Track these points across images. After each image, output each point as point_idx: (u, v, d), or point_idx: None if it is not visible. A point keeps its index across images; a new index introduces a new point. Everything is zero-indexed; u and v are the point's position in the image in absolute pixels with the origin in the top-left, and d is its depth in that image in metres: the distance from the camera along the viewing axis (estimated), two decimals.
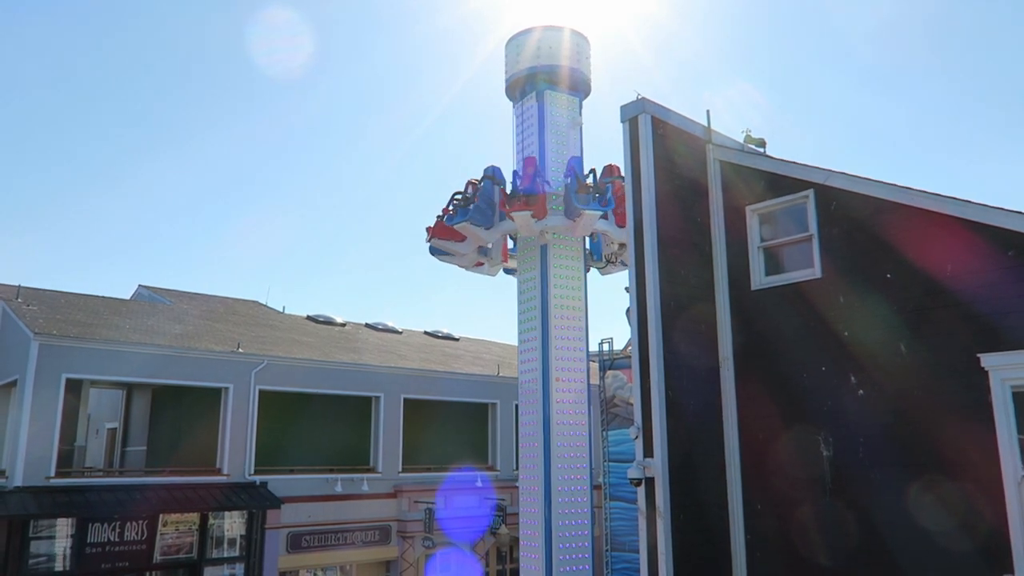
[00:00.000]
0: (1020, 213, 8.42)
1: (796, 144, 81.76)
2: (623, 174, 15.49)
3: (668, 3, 72.53)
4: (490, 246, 16.67)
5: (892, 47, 79.34)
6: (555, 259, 15.54)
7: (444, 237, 16.09)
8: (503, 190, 15.51)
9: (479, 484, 23.13)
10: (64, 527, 17.53)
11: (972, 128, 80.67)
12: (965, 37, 76.14)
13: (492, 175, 15.72)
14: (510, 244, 17.06)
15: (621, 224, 15.08)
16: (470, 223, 15.34)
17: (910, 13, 73.41)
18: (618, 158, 11.13)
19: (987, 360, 8.35)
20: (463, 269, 17.26)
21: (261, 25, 58.52)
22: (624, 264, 17.19)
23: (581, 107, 16.64)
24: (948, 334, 8.71)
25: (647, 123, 10.53)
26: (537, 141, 15.96)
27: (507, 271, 17.57)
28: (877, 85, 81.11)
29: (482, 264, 17.11)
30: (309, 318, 29.12)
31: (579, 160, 15.64)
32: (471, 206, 15.41)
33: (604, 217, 15.18)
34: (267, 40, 56.11)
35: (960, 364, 8.54)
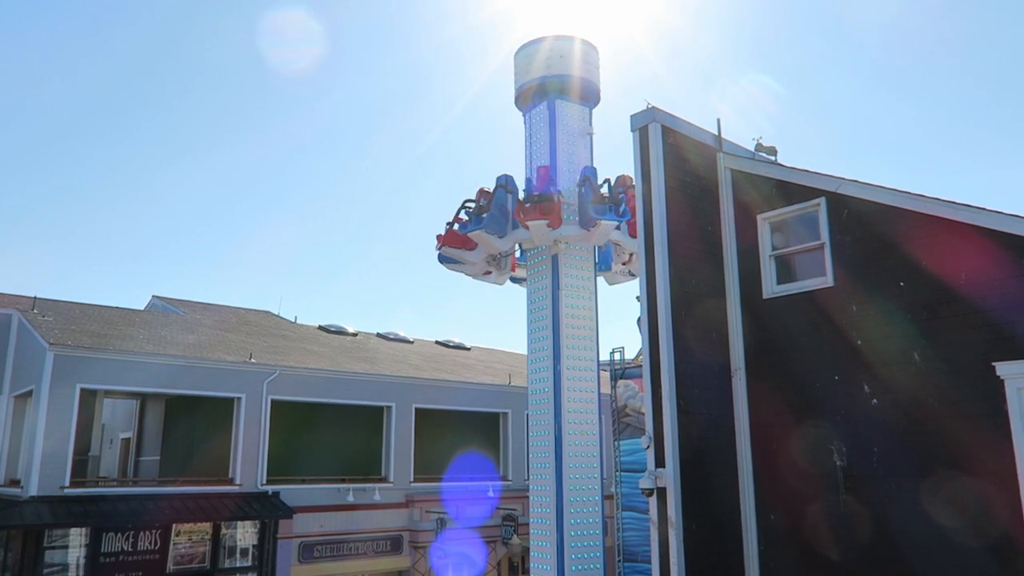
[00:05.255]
0: None
1: (809, 147, 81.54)
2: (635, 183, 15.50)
3: (679, 8, 72.66)
4: (499, 255, 16.67)
5: (905, 48, 79.06)
6: (565, 268, 15.52)
7: (455, 245, 16.10)
8: (518, 199, 15.52)
9: (491, 494, 23.07)
10: (78, 536, 17.61)
11: (987, 129, 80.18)
12: (978, 36, 75.79)
13: (505, 184, 15.72)
14: (517, 253, 17.06)
15: (634, 234, 15.08)
16: (484, 231, 15.34)
17: (921, 12, 73.18)
18: (630, 166, 11.13)
19: (1002, 368, 8.28)
20: (471, 278, 17.28)
21: (271, 34, 59.03)
22: (633, 274, 17.17)
23: (591, 116, 16.66)
24: (962, 342, 8.64)
25: (657, 132, 10.54)
26: (548, 151, 15.99)
27: (514, 280, 17.57)
28: (890, 87, 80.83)
29: (490, 273, 17.13)
30: (321, 328, 29.21)
31: (593, 170, 15.65)
32: (485, 215, 15.42)
33: (618, 227, 15.19)
34: (277, 49, 56.60)
35: (975, 373, 8.47)
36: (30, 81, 68.08)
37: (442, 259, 16.69)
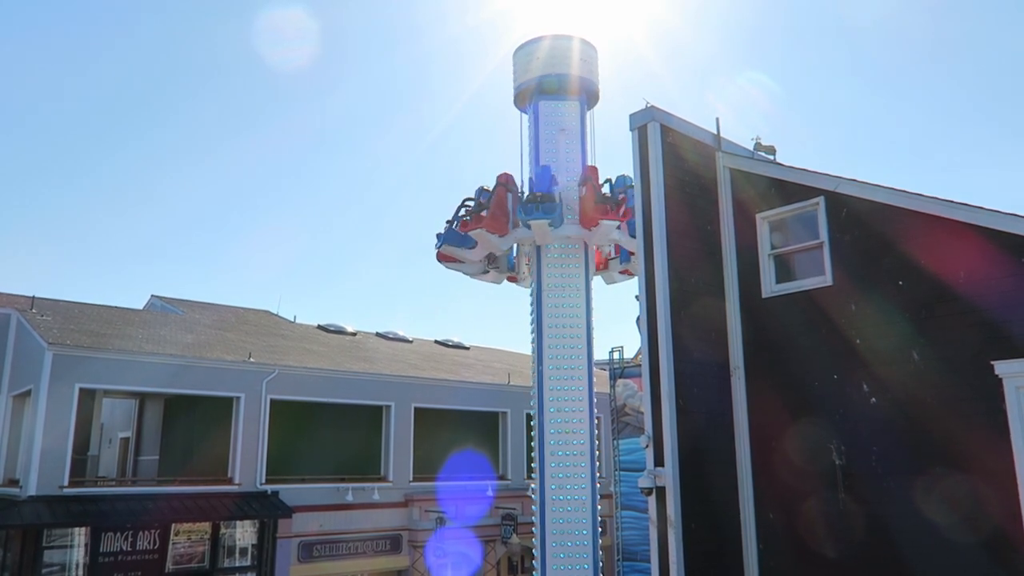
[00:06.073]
0: None
1: (808, 146, 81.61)
2: (597, 177, 15.56)
3: (678, 8, 72.69)
4: (482, 262, 16.67)
5: (904, 48, 79.11)
6: (548, 268, 15.49)
7: (448, 260, 16.26)
8: (468, 210, 15.57)
9: (490, 493, 23.07)
10: (77, 536, 17.60)
11: (987, 129, 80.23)
12: (978, 36, 75.84)
13: (477, 196, 15.80)
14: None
15: (586, 226, 15.08)
16: (448, 244, 15.52)
17: (921, 12, 73.21)
18: (629, 166, 11.14)
19: (1001, 367, 8.29)
20: (495, 284, 17.37)
21: (271, 35, 58.99)
22: None
23: (585, 113, 16.63)
24: (961, 341, 8.65)
25: (656, 131, 10.54)
26: (547, 150, 15.97)
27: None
28: (889, 87, 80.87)
29: (515, 279, 17.20)
30: (320, 327, 29.20)
31: (547, 169, 15.49)
32: (449, 229, 15.63)
33: (552, 224, 14.96)
34: (276, 49, 56.56)
35: (973, 371, 8.48)
36: (31, 83, 68.06)
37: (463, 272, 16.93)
